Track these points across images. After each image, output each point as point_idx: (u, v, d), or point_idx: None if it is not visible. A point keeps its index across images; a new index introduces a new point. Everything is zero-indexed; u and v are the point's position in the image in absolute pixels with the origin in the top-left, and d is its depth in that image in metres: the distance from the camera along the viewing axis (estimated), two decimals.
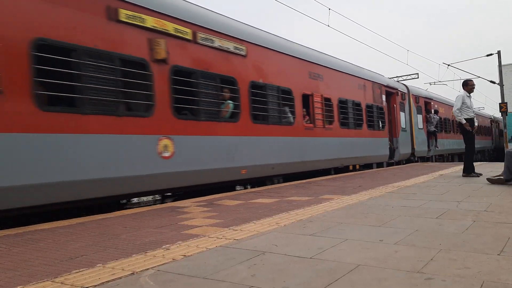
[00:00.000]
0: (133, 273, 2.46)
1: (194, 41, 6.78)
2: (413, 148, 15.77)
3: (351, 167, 11.77)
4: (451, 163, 16.98)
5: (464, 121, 8.14)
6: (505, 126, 26.73)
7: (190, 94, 6.66)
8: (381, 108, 13.43)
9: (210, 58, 7.09)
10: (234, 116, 7.54)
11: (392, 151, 14.07)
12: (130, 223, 4.18)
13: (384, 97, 13.64)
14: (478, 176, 7.92)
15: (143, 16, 5.95)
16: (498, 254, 2.60)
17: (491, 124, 36.96)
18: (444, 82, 42.81)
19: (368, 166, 12.73)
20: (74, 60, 5.08)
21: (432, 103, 18.66)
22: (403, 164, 15.06)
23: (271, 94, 8.46)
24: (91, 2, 5.39)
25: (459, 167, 10.05)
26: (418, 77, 29.88)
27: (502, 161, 6.91)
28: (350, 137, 11.41)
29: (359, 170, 11.79)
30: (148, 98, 5.95)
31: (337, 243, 3.03)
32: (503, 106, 25.67)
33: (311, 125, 9.73)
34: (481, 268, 2.34)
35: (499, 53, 26.03)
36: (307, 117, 9.73)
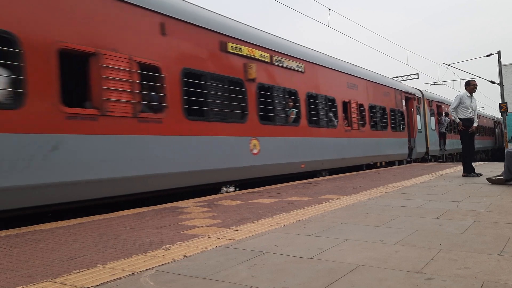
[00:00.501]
0: (133, 274, 2.46)
1: (271, 63, 8.70)
2: (427, 147, 17.38)
3: (378, 164, 13.71)
4: (451, 163, 17.07)
5: (458, 120, 8.12)
6: (505, 126, 26.74)
7: (269, 104, 8.49)
8: (402, 112, 15.21)
9: (280, 75, 8.96)
10: (296, 121, 9.33)
11: (411, 150, 15.71)
12: (130, 224, 4.18)
13: (404, 102, 15.48)
14: (478, 176, 7.92)
15: (241, 46, 7.85)
16: (498, 254, 2.60)
17: (495, 125, 37.82)
18: (444, 82, 42.79)
19: (391, 163, 14.66)
20: (203, 83, 6.95)
21: (443, 106, 20.37)
22: (419, 161, 16.86)
23: (321, 102, 10.31)
24: (212, 39, 7.27)
25: (459, 167, 10.04)
26: (418, 77, 29.89)
27: (503, 160, 6.91)
28: (378, 137, 13.16)
29: (384, 167, 13.58)
30: (244, 109, 7.86)
31: (337, 243, 3.03)
32: (503, 106, 25.68)
33: (349, 127, 11.48)
34: (481, 268, 2.34)
35: (499, 53, 26.04)
36: (346, 121, 11.38)
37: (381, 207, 4.66)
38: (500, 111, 26.34)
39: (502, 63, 26.69)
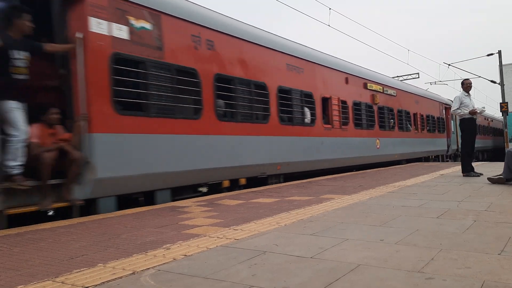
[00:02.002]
0: (133, 273, 2.46)
1: (382, 92, 13.69)
2: (457, 145, 21.68)
3: (431, 157, 18.70)
4: (452, 163, 17.24)
5: (466, 111, 8.08)
6: (505, 125, 26.72)
7: (385, 119, 13.73)
8: (443, 119, 20.40)
9: (386, 99, 14.01)
10: (394, 128, 14.58)
11: (448, 147, 20.78)
12: (131, 223, 4.18)
13: (444, 111, 20.69)
14: (479, 176, 7.91)
15: (372, 84, 13.01)
16: (498, 254, 2.60)
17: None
18: (444, 82, 42.75)
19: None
20: (357, 108, 11.87)
21: None
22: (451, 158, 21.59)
23: (405, 115, 15.57)
24: (360, 82, 12.34)
25: (459, 167, 10.03)
26: (418, 77, 29.88)
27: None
28: (432, 138, 18.53)
29: (432, 161, 17.50)
30: (372, 122, 12.87)
31: (337, 242, 3.03)
32: (503, 106, 25.66)
33: (417, 131, 16.69)
34: (482, 267, 2.34)
35: (499, 52, 26.02)
36: (414, 126, 16.52)
37: (382, 206, 4.66)
38: (500, 111, 26.31)
39: (503, 62, 26.66)
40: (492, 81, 27.06)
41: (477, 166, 9.69)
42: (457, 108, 8.20)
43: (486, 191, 5.77)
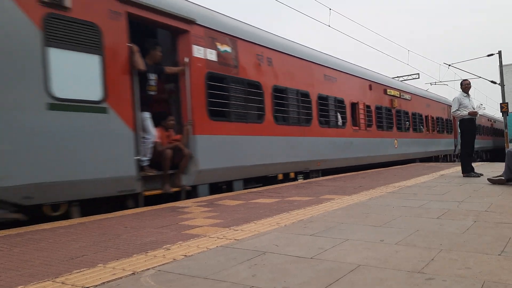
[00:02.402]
0: (134, 273, 2.46)
1: (399, 97, 15.26)
2: None
3: (440, 156, 20.35)
4: (452, 163, 17.28)
5: (466, 112, 8.09)
6: (505, 126, 26.71)
7: (402, 121, 15.34)
8: (450, 120, 21.97)
9: (402, 103, 15.58)
10: (409, 129, 16.17)
11: (455, 147, 22.37)
12: (131, 223, 4.18)
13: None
14: (479, 176, 7.91)
15: (391, 90, 14.53)
16: (499, 254, 2.60)
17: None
18: (444, 82, 42.77)
19: (444, 156, 21.25)
20: (379, 111, 13.40)
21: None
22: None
23: (418, 117, 17.17)
24: (381, 88, 13.80)
25: (459, 167, 10.02)
26: (418, 77, 29.86)
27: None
28: (441, 138, 20.39)
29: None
30: (391, 124, 14.30)
31: (337, 243, 3.03)
32: (504, 106, 25.66)
33: (429, 132, 18.44)
34: (482, 268, 2.34)
35: (500, 53, 26.01)
36: (426, 128, 18.15)
37: (382, 207, 4.66)
38: (500, 111, 26.31)
39: (503, 63, 26.66)
40: (492, 82, 27.06)
41: (477, 166, 9.69)
42: (457, 110, 8.20)
43: (486, 191, 5.77)
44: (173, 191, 6.10)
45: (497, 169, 9.04)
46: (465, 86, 8.40)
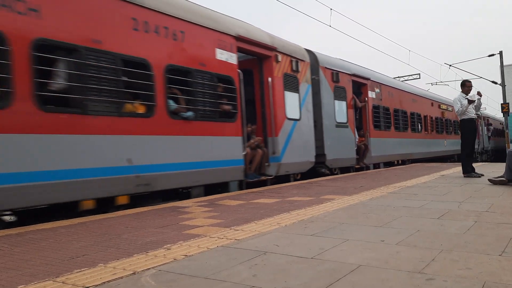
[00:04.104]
0: (134, 273, 2.46)
1: (446, 109, 21.05)
2: (483, 144, 28.76)
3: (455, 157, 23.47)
4: (452, 163, 17.29)
5: (465, 103, 8.02)
6: (506, 126, 26.68)
7: (448, 127, 21.51)
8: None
9: (447, 114, 21.32)
10: (451, 132, 21.93)
11: (478, 144, 25.84)
12: (132, 223, 4.18)
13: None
14: (480, 177, 7.90)
15: (442, 105, 21.05)
16: (499, 255, 2.60)
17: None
18: (445, 83, 42.76)
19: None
20: (436, 120, 19.86)
21: (489, 120, 32.70)
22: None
23: (453, 123, 21.65)
24: (436, 104, 20.32)
25: (460, 168, 10.01)
26: (419, 78, 29.85)
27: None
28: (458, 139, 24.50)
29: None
30: (442, 129, 20.85)
31: (338, 243, 3.03)
32: (504, 107, 25.60)
33: (457, 134, 21.13)
34: (483, 268, 2.34)
35: (501, 53, 25.96)
36: (454, 131, 22.33)
37: (383, 207, 4.66)
38: (501, 112, 26.27)
39: (504, 63, 26.59)
40: (493, 82, 27.02)
41: (477, 166, 9.67)
42: (460, 107, 8.16)
43: (487, 192, 5.77)
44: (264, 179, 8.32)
45: (498, 169, 9.04)
46: (468, 88, 8.30)
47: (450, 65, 26.20)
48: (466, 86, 8.33)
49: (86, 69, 5.04)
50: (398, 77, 28.24)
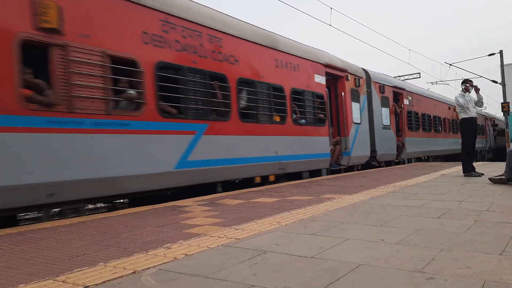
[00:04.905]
0: (134, 272, 2.47)
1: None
2: (490, 143, 32.20)
3: (478, 151, 25.97)
4: (453, 163, 17.27)
5: (470, 112, 8.13)
6: (507, 125, 26.67)
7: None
8: (483, 125, 28.71)
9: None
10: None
11: (486, 144, 29.72)
12: (132, 222, 4.18)
13: (484, 120, 29.93)
14: (480, 176, 7.91)
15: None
16: (499, 254, 2.60)
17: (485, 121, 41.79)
18: (446, 82, 42.73)
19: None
20: (451, 122, 22.52)
21: (495, 121, 36.03)
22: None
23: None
24: (452, 108, 21.64)
25: (460, 167, 10.01)
26: (420, 77, 29.82)
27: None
28: (481, 138, 27.13)
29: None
30: (456, 129, 22.56)
31: (338, 242, 3.03)
32: (505, 106, 25.60)
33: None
34: (483, 268, 2.34)
35: (501, 52, 25.95)
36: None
37: (383, 206, 4.66)
38: (502, 111, 26.26)
39: (504, 62, 26.59)
40: (493, 81, 27.01)
41: (478, 166, 9.67)
42: (462, 105, 8.17)
43: (487, 191, 5.77)
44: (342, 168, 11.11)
45: (498, 168, 9.04)
46: (467, 88, 8.34)
47: (451, 64, 26.20)
48: (468, 84, 8.39)
49: (257, 94, 8.10)
50: (399, 76, 28.22)
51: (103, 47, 5.26)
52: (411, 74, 29.60)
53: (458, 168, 10.13)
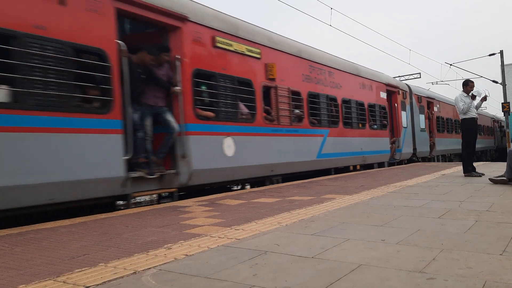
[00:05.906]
0: (135, 272, 2.47)
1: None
2: (496, 143, 34.55)
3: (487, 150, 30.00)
4: (453, 163, 17.32)
5: (468, 101, 8.13)
6: (507, 125, 26.66)
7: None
8: (492, 127, 32.61)
9: (485, 120, 31.92)
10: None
11: (494, 143, 33.14)
12: (132, 223, 4.18)
13: (492, 123, 33.69)
14: (480, 176, 7.90)
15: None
16: (500, 254, 2.60)
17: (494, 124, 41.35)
18: (446, 82, 42.70)
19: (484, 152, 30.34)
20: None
21: (501, 123, 37.71)
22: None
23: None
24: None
25: (461, 167, 10.00)
26: (420, 77, 29.80)
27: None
28: (490, 138, 31.83)
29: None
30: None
31: (339, 242, 3.03)
32: (505, 106, 25.58)
33: (483, 134, 29.43)
34: (483, 268, 2.34)
35: (501, 52, 25.93)
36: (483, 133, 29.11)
37: (383, 206, 4.66)
38: (502, 111, 26.25)
39: (505, 62, 26.57)
40: (494, 81, 27.00)
41: (478, 166, 9.67)
42: (464, 105, 8.15)
43: (487, 191, 5.76)
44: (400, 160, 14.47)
45: (499, 168, 9.03)
46: (470, 89, 8.29)
47: (451, 64, 26.18)
48: (468, 86, 8.33)
49: (351, 108, 11.47)
50: (399, 76, 28.21)
51: (288, 85, 8.82)
52: (412, 74, 29.59)
53: (458, 168, 10.12)
